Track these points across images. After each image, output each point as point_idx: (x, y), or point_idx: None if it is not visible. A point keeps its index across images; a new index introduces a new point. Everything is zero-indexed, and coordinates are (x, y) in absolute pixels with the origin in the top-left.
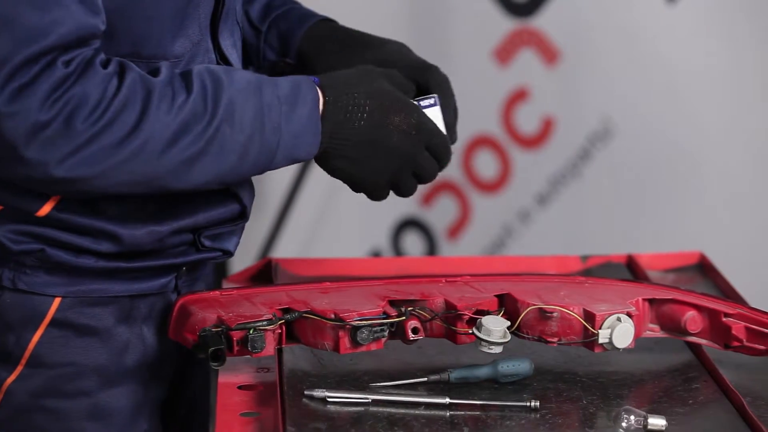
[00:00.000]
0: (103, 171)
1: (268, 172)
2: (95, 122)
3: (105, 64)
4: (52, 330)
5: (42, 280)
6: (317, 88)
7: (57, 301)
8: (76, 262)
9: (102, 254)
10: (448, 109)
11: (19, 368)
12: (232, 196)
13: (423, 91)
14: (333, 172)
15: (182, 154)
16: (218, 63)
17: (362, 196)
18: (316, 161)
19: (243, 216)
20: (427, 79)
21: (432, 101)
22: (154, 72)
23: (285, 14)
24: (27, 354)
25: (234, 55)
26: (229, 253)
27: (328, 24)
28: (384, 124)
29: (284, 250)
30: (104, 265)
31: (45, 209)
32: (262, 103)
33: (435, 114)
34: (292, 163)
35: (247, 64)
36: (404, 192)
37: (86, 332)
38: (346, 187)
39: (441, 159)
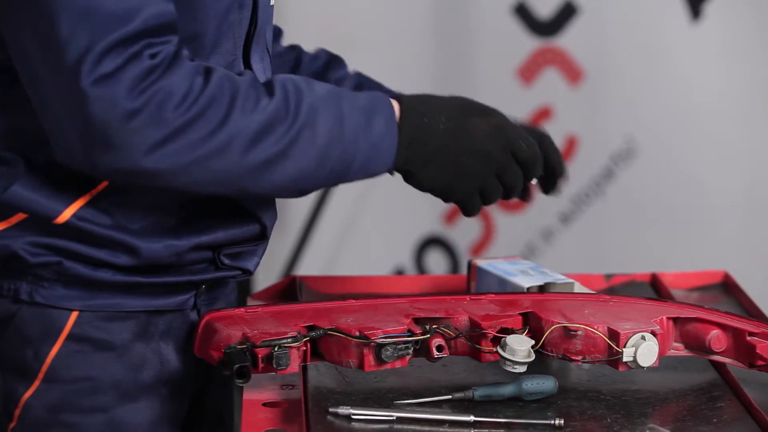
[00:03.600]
0: (187, 165)
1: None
2: (185, 113)
3: (191, 58)
4: (69, 344)
5: (59, 294)
6: (391, 101)
7: (74, 314)
8: (94, 276)
9: (120, 268)
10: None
11: (36, 383)
12: (252, 217)
13: None
14: (421, 183)
15: (264, 154)
16: None
17: (385, 214)
18: (404, 178)
19: (263, 236)
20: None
21: None
22: (238, 74)
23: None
24: (44, 368)
25: (263, 80)
26: (249, 273)
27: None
28: (464, 127)
29: (308, 267)
30: (122, 279)
31: (65, 215)
32: (341, 112)
33: None
34: (369, 177)
35: None
36: (489, 197)
37: (103, 347)
38: (370, 205)
39: (527, 166)
